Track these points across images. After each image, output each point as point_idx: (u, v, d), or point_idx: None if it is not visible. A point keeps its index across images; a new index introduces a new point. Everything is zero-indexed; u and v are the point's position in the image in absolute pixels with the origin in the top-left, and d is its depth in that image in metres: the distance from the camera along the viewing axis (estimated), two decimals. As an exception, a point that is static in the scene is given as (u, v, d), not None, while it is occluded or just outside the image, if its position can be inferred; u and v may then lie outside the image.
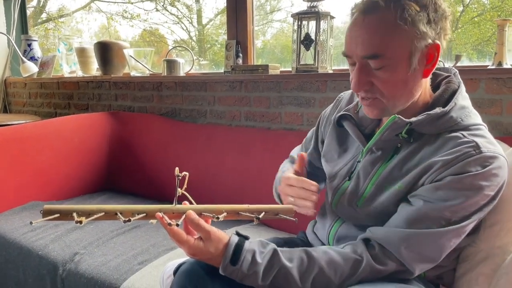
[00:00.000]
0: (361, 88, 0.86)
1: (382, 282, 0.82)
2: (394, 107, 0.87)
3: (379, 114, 0.89)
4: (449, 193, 0.80)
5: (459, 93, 0.89)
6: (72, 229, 1.56)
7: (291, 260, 0.83)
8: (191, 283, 0.85)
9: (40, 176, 1.93)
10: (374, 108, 0.88)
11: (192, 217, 0.83)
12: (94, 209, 0.84)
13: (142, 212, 0.85)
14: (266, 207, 0.91)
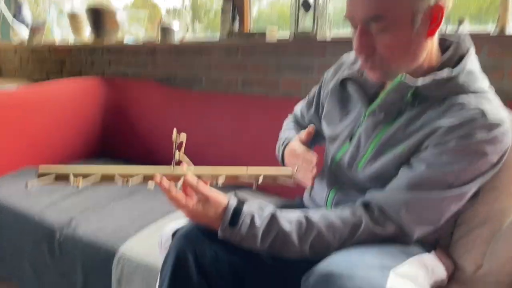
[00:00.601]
0: (363, 51, 0.84)
1: (381, 244, 0.82)
2: (397, 70, 0.85)
3: (382, 77, 0.87)
4: (453, 157, 0.79)
5: (467, 57, 0.87)
6: (68, 195, 1.55)
7: (290, 224, 0.82)
8: (190, 246, 0.85)
9: (34, 142, 1.90)
10: (376, 71, 0.86)
11: (191, 180, 0.82)
12: (91, 169, 0.83)
13: (139, 174, 0.84)
14: (265, 170, 0.90)
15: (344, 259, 0.72)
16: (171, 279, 0.85)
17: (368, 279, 0.66)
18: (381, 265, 0.72)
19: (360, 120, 0.95)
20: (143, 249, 1.17)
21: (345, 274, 0.66)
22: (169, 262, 0.86)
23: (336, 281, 0.66)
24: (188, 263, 0.84)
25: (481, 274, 0.92)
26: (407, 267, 0.77)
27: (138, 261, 1.13)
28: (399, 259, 0.78)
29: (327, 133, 1.04)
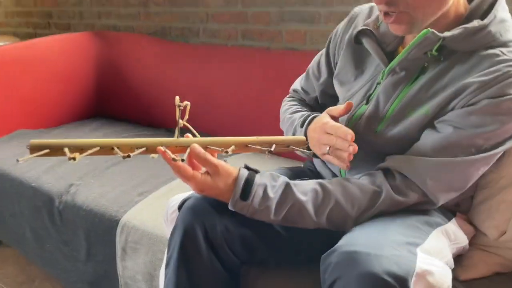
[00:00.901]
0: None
1: (403, 215, 0.76)
2: (423, 19, 0.75)
3: (408, 30, 0.77)
4: (484, 118, 0.72)
5: (498, 4, 0.77)
6: (65, 160, 1.47)
7: (305, 194, 0.77)
8: (198, 220, 0.80)
9: (26, 103, 1.81)
10: (401, 23, 0.76)
11: (198, 150, 0.75)
12: (87, 143, 0.76)
13: (141, 146, 0.77)
14: (277, 139, 0.83)
15: (368, 237, 0.67)
16: (180, 253, 0.80)
17: (397, 259, 0.61)
18: (408, 242, 0.66)
19: (378, 79, 0.87)
20: (147, 218, 1.12)
21: (372, 254, 0.61)
22: (177, 236, 0.81)
23: (362, 261, 0.60)
24: (197, 238, 0.79)
25: (504, 240, 0.88)
26: (432, 242, 0.73)
27: (143, 230, 1.09)
28: (423, 233, 0.73)
29: (341, 94, 0.95)
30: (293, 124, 0.96)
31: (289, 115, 1.01)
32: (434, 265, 0.64)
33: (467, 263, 0.89)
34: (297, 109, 1.03)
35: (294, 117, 0.98)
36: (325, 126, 0.82)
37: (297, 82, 1.14)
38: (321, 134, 0.83)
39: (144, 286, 1.10)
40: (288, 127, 0.99)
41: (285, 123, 1.02)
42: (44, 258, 1.39)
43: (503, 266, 0.89)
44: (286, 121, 1.01)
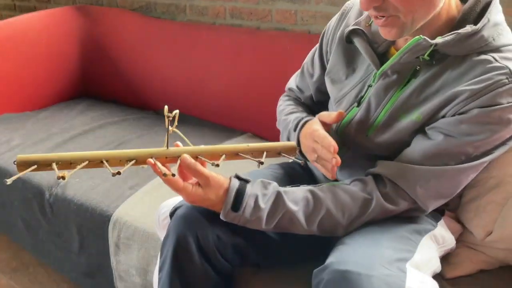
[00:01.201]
0: (371, 4, 0.71)
1: (392, 225, 0.77)
2: (413, 23, 0.73)
3: (398, 34, 0.75)
4: (474, 127, 0.72)
5: (492, 6, 0.75)
6: (53, 148, 1.46)
7: (296, 203, 0.77)
8: (190, 229, 0.80)
9: (9, 85, 1.76)
10: (391, 27, 0.73)
11: (188, 162, 0.74)
12: (75, 156, 0.74)
13: (131, 158, 0.76)
14: (267, 146, 0.82)
15: (359, 254, 0.68)
16: (173, 261, 0.81)
17: (387, 279, 0.62)
18: (398, 259, 0.68)
19: (370, 81, 0.85)
20: (139, 214, 1.12)
21: (363, 274, 0.62)
22: (169, 244, 0.81)
23: (353, 281, 0.62)
24: (189, 247, 0.80)
25: (490, 241, 0.90)
26: (421, 252, 0.74)
27: (135, 227, 1.10)
28: (413, 244, 0.75)
29: (333, 93, 0.94)
30: (287, 127, 0.96)
31: (284, 117, 1.00)
32: (423, 282, 0.66)
33: (454, 261, 0.92)
34: (292, 110, 1.01)
35: (288, 119, 0.97)
36: (313, 133, 0.82)
37: (292, 79, 1.12)
38: (310, 141, 0.83)
39: (138, 280, 1.12)
40: (283, 129, 0.99)
41: (280, 125, 1.02)
42: (37, 247, 1.40)
43: (488, 264, 0.92)
44: (282, 123, 1.01)
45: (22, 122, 1.70)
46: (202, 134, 1.58)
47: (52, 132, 1.58)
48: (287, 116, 0.99)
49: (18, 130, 1.63)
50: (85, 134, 1.56)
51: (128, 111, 1.81)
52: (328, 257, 0.72)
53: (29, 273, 1.54)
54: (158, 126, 1.65)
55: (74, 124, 1.65)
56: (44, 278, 1.52)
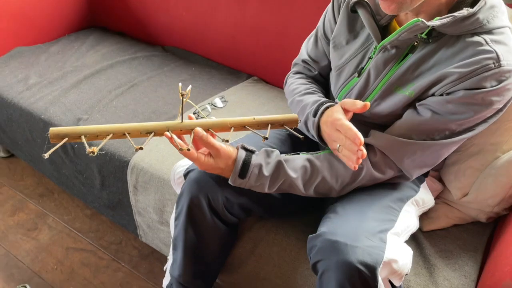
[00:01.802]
0: None
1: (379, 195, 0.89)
2: (413, 1, 0.77)
3: (397, 9, 0.79)
4: (459, 107, 0.79)
5: None
6: (68, 89, 1.54)
7: (295, 171, 0.87)
8: (202, 191, 0.92)
9: (19, 19, 1.78)
10: (391, 2, 0.78)
11: (201, 134, 0.83)
12: (101, 129, 0.83)
13: (150, 131, 0.85)
14: (272, 118, 0.90)
15: (347, 226, 0.80)
16: (187, 214, 0.95)
17: (369, 250, 0.74)
18: (380, 230, 0.80)
19: (370, 53, 0.91)
20: (154, 161, 1.23)
21: (349, 244, 0.75)
22: (184, 201, 0.94)
23: (341, 251, 0.74)
24: (201, 205, 0.93)
25: (465, 201, 1.02)
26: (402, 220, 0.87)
27: (151, 173, 1.22)
28: (395, 213, 0.87)
29: (334, 60, 0.99)
30: (304, 110, 0.96)
31: (298, 97, 1.00)
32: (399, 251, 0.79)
33: (432, 215, 1.05)
34: (306, 90, 1.01)
35: (305, 101, 0.97)
36: (336, 123, 0.83)
37: (303, 50, 1.11)
38: (331, 130, 0.85)
39: (155, 217, 1.27)
40: (299, 112, 0.98)
41: (294, 106, 1.01)
42: (61, 179, 1.54)
43: (461, 219, 1.05)
44: (296, 104, 1.00)
45: (35, 57, 1.75)
46: (210, 77, 1.64)
47: (66, 70, 1.64)
48: (303, 97, 0.99)
49: (33, 66, 1.69)
50: (97, 75, 1.62)
51: (137, 47, 1.84)
52: (321, 225, 0.84)
53: (54, 199, 1.71)
54: (166, 66, 1.70)
55: (86, 62, 1.70)
56: (69, 203, 1.69)
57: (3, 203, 1.68)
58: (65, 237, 1.55)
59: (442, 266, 0.95)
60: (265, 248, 1.05)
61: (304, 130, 0.98)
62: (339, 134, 0.82)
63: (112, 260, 1.47)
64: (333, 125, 0.84)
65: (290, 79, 1.11)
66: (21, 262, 1.46)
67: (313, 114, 0.92)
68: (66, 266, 1.45)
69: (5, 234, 1.56)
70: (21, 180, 1.79)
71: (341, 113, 0.84)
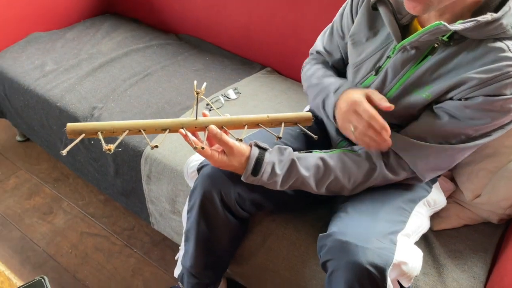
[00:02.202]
0: None
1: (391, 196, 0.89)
2: (440, 3, 0.76)
3: (423, 11, 0.78)
4: (477, 113, 0.79)
5: None
6: (84, 76, 1.55)
7: (308, 169, 0.88)
8: (215, 187, 0.93)
9: (35, 5, 1.79)
10: (417, 3, 0.77)
11: (215, 132, 0.84)
12: (117, 126, 0.84)
13: (165, 128, 0.86)
14: (286, 117, 0.91)
15: (358, 227, 0.80)
16: (200, 208, 0.96)
17: (379, 252, 0.75)
18: (391, 232, 0.80)
19: (389, 52, 0.90)
20: (168, 152, 1.25)
21: (359, 246, 0.75)
22: (197, 195, 0.96)
23: (351, 251, 0.76)
24: (214, 200, 0.94)
25: (477, 202, 1.02)
26: (413, 220, 0.87)
27: (164, 164, 1.23)
28: (407, 214, 0.87)
29: (352, 57, 0.98)
30: (324, 90, 0.96)
31: (316, 80, 1.01)
32: (410, 253, 0.80)
33: (443, 215, 1.05)
34: (325, 73, 1.02)
35: (325, 83, 0.98)
36: (356, 104, 0.82)
37: (318, 42, 1.12)
38: (349, 111, 0.84)
39: (168, 206, 1.30)
40: (319, 93, 0.98)
41: (313, 89, 1.01)
42: (75, 165, 1.57)
43: (472, 220, 1.05)
44: (314, 87, 1.00)
45: (51, 43, 1.76)
46: (223, 67, 1.64)
47: (81, 58, 1.65)
48: (323, 80, 0.99)
49: (49, 52, 1.70)
50: (112, 63, 1.63)
51: (151, 35, 1.84)
52: (332, 224, 0.85)
53: (69, 183, 1.75)
54: (180, 55, 1.70)
55: (101, 49, 1.71)
56: (83, 189, 1.73)
57: (20, 187, 1.72)
58: (79, 221, 1.59)
59: (452, 266, 0.96)
60: (275, 242, 1.07)
61: (320, 109, 0.98)
62: (359, 117, 0.82)
63: (125, 246, 1.51)
64: (352, 106, 0.83)
65: (307, 65, 1.10)
66: (36, 245, 1.50)
67: (334, 91, 0.92)
68: (80, 250, 1.49)
69: (21, 217, 1.60)
70: (37, 164, 1.83)
71: (363, 97, 0.83)
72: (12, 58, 1.66)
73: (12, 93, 1.61)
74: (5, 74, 1.60)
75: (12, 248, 1.48)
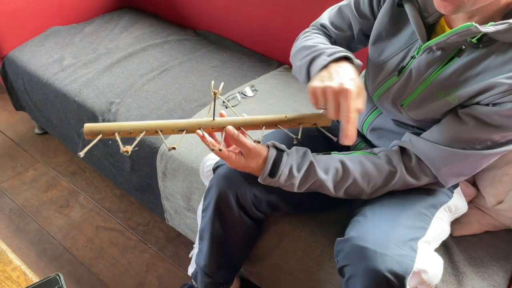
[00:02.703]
0: None
1: (412, 200, 0.87)
2: (473, 5, 0.73)
3: (454, 11, 0.74)
4: (505, 119, 0.75)
5: None
6: (101, 71, 1.56)
7: (326, 172, 0.86)
8: (230, 187, 0.92)
9: (54, 0, 1.80)
10: (449, 2, 0.73)
11: (232, 133, 0.82)
12: (134, 126, 0.84)
13: (182, 128, 0.85)
14: (304, 116, 0.89)
15: (377, 232, 0.78)
16: (215, 208, 0.95)
17: (399, 259, 0.73)
18: (411, 238, 0.78)
19: (413, 52, 0.87)
20: (184, 149, 1.24)
21: (378, 252, 0.74)
22: (212, 194, 0.95)
23: (369, 258, 0.74)
24: (229, 200, 0.93)
25: (499, 208, 0.99)
26: (434, 226, 0.85)
27: (180, 161, 1.23)
28: (427, 220, 0.84)
29: (373, 55, 0.95)
30: (317, 51, 0.87)
31: (312, 43, 0.93)
32: (430, 261, 0.77)
33: (463, 221, 1.03)
34: (325, 41, 0.95)
35: (320, 46, 0.89)
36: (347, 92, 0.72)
37: (325, 15, 1.05)
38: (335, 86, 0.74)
39: (182, 203, 1.30)
40: (309, 54, 0.90)
41: (303, 51, 0.93)
42: (92, 160, 1.58)
43: (494, 226, 1.02)
44: (306, 49, 0.92)
45: (70, 37, 1.77)
46: (241, 64, 1.63)
47: (99, 52, 1.66)
48: (318, 44, 0.91)
49: (68, 46, 1.71)
50: (130, 58, 1.63)
51: (169, 31, 1.84)
52: (350, 228, 0.83)
53: (86, 177, 1.76)
54: (198, 51, 1.69)
55: (119, 44, 1.71)
56: (99, 183, 1.74)
57: (38, 179, 1.75)
58: (95, 215, 1.60)
59: (471, 274, 0.94)
60: (290, 243, 1.05)
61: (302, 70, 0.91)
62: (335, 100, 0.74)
63: (139, 241, 1.52)
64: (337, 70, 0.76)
65: (305, 34, 1.02)
66: (53, 238, 1.52)
67: (328, 53, 0.83)
68: (96, 244, 1.50)
69: (38, 210, 1.62)
70: (55, 157, 1.85)
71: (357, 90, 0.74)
72: (32, 52, 1.67)
73: (31, 87, 1.62)
74: (25, 68, 1.62)
75: (29, 240, 1.51)
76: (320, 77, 0.79)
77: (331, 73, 0.78)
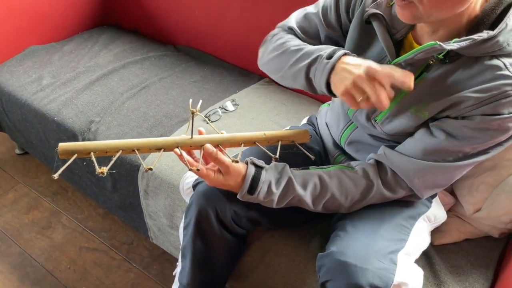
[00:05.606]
0: None
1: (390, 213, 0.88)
2: (430, 17, 0.74)
3: (412, 19, 0.75)
4: (475, 132, 0.77)
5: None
6: (81, 90, 1.55)
7: (304, 187, 0.86)
8: (210, 204, 0.92)
9: (32, 18, 1.78)
10: (406, 11, 0.74)
11: (210, 151, 0.82)
12: (110, 145, 0.83)
13: (159, 147, 0.85)
14: (282, 134, 0.90)
15: (358, 246, 0.79)
16: (195, 226, 0.95)
17: (379, 273, 0.74)
18: (391, 251, 0.79)
19: None
20: (165, 166, 1.24)
21: (359, 266, 0.74)
22: (192, 212, 0.95)
23: (350, 272, 0.74)
24: (209, 218, 0.93)
25: (478, 216, 1.01)
26: (413, 238, 0.86)
27: (161, 179, 1.22)
28: (407, 231, 0.86)
29: None
30: (307, 55, 0.86)
31: (294, 48, 0.90)
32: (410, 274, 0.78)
33: (443, 229, 1.04)
34: (304, 44, 0.92)
35: (306, 48, 0.88)
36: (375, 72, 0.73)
37: (292, 18, 1.02)
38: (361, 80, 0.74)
39: (165, 221, 1.29)
40: (297, 60, 0.88)
41: (286, 57, 0.91)
42: (73, 179, 1.56)
43: (473, 234, 1.04)
44: (290, 54, 0.90)
45: (49, 56, 1.76)
46: (221, 78, 1.63)
47: (78, 71, 1.65)
48: (302, 47, 0.89)
49: (46, 65, 1.70)
50: (110, 75, 1.62)
51: (149, 47, 1.84)
52: (330, 243, 0.84)
53: (68, 197, 1.74)
54: (178, 67, 1.70)
55: (99, 62, 1.71)
56: (82, 202, 1.72)
57: (19, 201, 1.72)
58: (78, 236, 1.58)
59: (453, 283, 0.95)
60: (273, 258, 1.05)
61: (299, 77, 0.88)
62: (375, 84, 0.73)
63: (124, 260, 1.50)
64: (370, 73, 0.74)
65: (276, 36, 0.99)
66: (35, 261, 1.49)
67: (326, 56, 0.81)
68: (79, 266, 1.48)
69: (20, 232, 1.59)
70: (36, 178, 1.82)
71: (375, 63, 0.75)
72: (10, 72, 1.66)
73: (10, 107, 1.61)
74: (3, 88, 1.60)
75: (11, 264, 1.48)
76: (340, 79, 0.77)
77: (346, 70, 0.77)
